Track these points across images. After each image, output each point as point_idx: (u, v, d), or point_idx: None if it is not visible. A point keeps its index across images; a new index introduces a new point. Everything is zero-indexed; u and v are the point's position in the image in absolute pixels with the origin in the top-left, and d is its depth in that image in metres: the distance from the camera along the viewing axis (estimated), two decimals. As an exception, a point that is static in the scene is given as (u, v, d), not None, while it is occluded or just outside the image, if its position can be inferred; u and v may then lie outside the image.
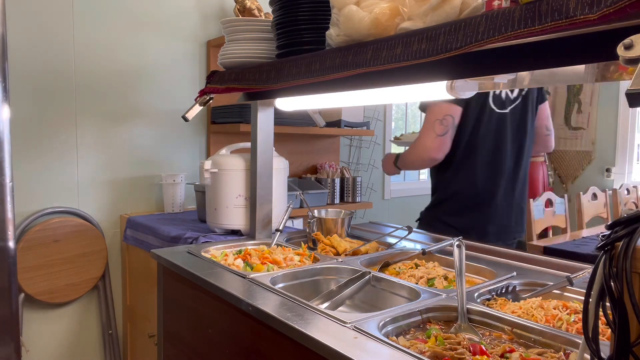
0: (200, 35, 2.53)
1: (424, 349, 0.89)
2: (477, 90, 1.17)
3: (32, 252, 2.06)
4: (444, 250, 1.51)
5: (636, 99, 0.58)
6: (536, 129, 2.09)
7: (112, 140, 2.31)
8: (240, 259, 1.49)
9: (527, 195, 2.11)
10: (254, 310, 1.10)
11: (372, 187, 3.39)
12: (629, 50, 0.61)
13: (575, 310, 1.07)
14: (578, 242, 2.70)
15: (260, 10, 2.30)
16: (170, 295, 1.56)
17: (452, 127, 1.90)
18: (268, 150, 1.77)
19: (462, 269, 1.11)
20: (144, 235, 2.11)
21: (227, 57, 1.55)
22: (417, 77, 1.01)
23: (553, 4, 0.71)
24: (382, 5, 1.01)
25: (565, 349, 0.91)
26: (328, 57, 1.14)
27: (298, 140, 2.84)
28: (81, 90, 2.22)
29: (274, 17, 1.39)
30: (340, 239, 1.67)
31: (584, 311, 0.61)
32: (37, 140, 2.11)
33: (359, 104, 1.64)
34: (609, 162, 4.27)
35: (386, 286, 1.31)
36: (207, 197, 1.87)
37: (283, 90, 1.40)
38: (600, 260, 0.60)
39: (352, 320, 1.00)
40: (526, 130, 2.02)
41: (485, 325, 1.04)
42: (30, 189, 2.11)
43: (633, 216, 0.59)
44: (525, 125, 2.02)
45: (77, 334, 2.29)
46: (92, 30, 2.22)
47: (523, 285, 1.27)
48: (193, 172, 2.54)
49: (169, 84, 2.45)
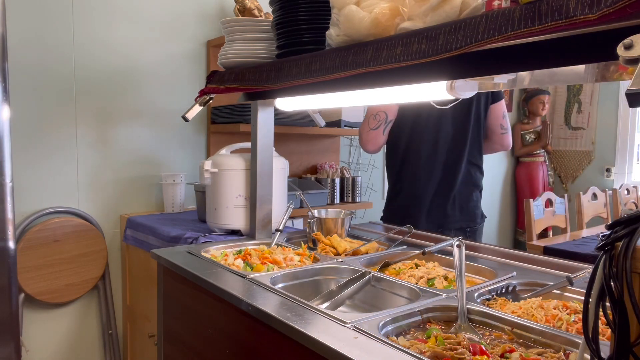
0: (200, 35, 2.53)
1: (424, 349, 0.89)
2: (477, 90, 1.17)
3: (32, 252, 2.06)
4: (444, 250, 1.51)
5: (636, 99, 0.58)
6: (491, 128, 2.20)
7: (112, 140, 2.32)
8: (240, 259, 1.49)
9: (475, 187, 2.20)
10: (254, 310, 1.10)
11: (372, 187, 3.39)
12: (629, 50, 0.61)
13: (575, 310, 1.07)
14: (578, 242, 2.70)
15: (260, 10, 2.30)
16: (170, 295, 1.56)
17: (384, 123, 2.11)
18: (268, 150, 1.77)
19: (462, 269, 1.11)
20: (144, 235, 2.11)
21: (227, 57, 1.55)
22: (417, 77, 1.01)
23: (553, 4, 0.71)
24: (382, 5, 1.01)
25: (565, 349, 0.91)
26: (328, 57, 1.14)
27: (298, 140, 2.84)
28: (81, 90, 2.22)
29: (274, 17, 1.39)
30: (340, 239, 1.67)
31: (584, 311, 0.61)
32: (37, 140, 2.12)
33: (359, 104, 1.64)
34: (609, 162, 4.27)
35: (386, 286, 1.31)
36: (207, 197, 1.87)
37: (283, 90, 1.40)
38: (600, 260, 0.60)
39: (352, 320, 1.00)
40: (468, 128, 2.11)
41: (485, 325, 1.04)
42: (30, 189, 2.11)
43: (633, 216, 0.59)
44: (468, 122, 2.11)
45: (77, 334, 2.29)
46: (92, 30, 2.22)
47: (523, 285, 1.27)
48: (193, 172, 2.54)
49: (169, 84, 2.45)
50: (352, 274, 1.38)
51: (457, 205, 2.15)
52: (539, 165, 4.39)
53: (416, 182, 2.15)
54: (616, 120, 4.20)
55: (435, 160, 2.12)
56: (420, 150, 2.13)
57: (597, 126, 4.33)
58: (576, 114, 4.46)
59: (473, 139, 2.14)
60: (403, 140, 2.16)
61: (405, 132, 2.14)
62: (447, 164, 2.13)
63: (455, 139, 2.12)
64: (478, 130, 2.15)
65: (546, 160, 4.43)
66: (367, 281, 1.33)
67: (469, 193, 2.17)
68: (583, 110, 4.42)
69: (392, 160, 2.24)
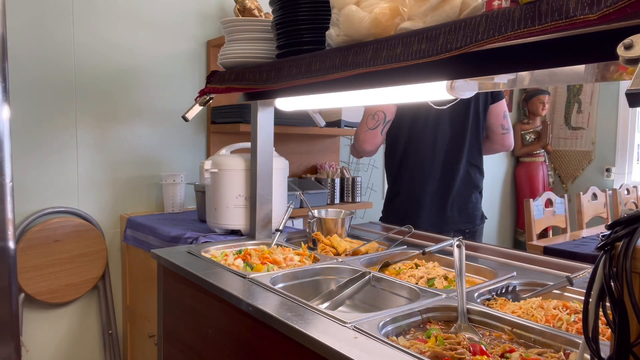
0: (200, 35, 2.53)
1: (424, 349, 0.89)
2: (477, 90, 1.17)
3: (32, 252, 2.06)
4: (444, 250, 1.51)
5: (636, 99, 0.58)
6: (492, 128, 2.18)
7: (112, 140, 2.32)
8: (240, 259, 1.49)
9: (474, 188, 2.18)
10: (254, 310, 1.10)
11: (372, 187, 3.39)
12: (629, 50, 0.61)
13: (575, 310, 1.07)
14: (578, 242, 2.70)
15: (260, 10, 2.30)
16: (170, 295, 1.56)
17: (382, 123, 2.11)
18: (268, 150, 1.77)
19: (462, 269, 1.11)
20: (144, 235, 2.11)
21: (227, 57, 1.55)
22: (417, 77, 1.01)
23: (553, 4, 0.71)
24: (382, 5, 1.01)
25: (565, 349, 0.91)
26: (328, 57, 1.14)
27: (298, 140, 2.84)
28: (81, 90, 2.22)
29: (274, 17, 1.39)
30: (340, 239, 1.67)
31: (584, 311, 0.61)
32: (37, 140, 2.12)
33: (359, 104, 1.64)
34: (609, 162, 4.27)
35: (386, 286, 1.31)
36: (207, 197, 1.87)
37: (283, 90, 1.40)
38: (600, 260, 0.60)
39: (352, 320, 1.00)
40: (467, 128, 2.10)
41: (485, 325, 1.04)
42: (30, 189, 2.11)
43: (633, 216, 0.59)
44: (466, 123, 2.10)
45: (77, 334, 2.29)
46: (92, 30, 2.22)
47: (523, 285, 1.27)
48: (193, 172, 2.54)
49: (169, 84, 2.45)
50: (352, 274, 1.38)
51: (456, 206, 2.14)
52: (539, 165, 4.39)
53: (414, 184, 2.14)
54: (616, 120, 4.20)
55: (433, 161, 2.11)
56: (418, 151, 2.12)
57: (597, 126, 4.33)
58: (576, 114, 4.46)
59: (472, 140, 2.13)
60: (401, 142, 2.15)
61: (403, 133, 2.14)
62: (445, 165, 2.12)
63: (454, 140, 2.11)
64: (477, 130, 2.14)
65: (546, 160, 4.43)
66: (367, 281, 1.33)
67: (468, 194, 2.16)
68: (583, 110, 4.42)
69: (391, 161, 2.23)
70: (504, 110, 2.18)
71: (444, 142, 2.11)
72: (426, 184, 2.12)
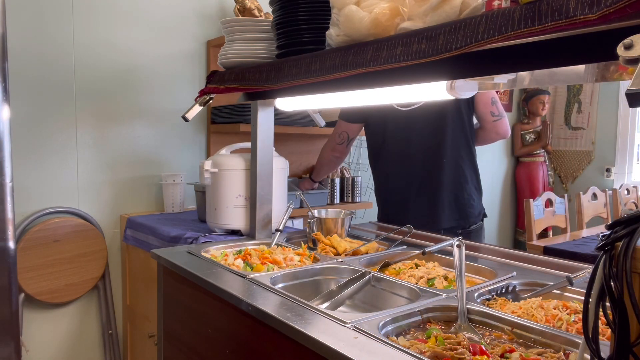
0: (200, 35, 2.53)
1: (424, 349, 0.89)
2: (477, 90, 1.17)
3: (32, 252, 2.06)
4: (444, 250, 1.51)
5: (636, 99, 0.58)
6: (481, 116, 2.12)
7: (112, 140, 2.32)
8: (240, 259, 1.49)
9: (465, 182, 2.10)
10: (254, 310, 1.10)
11: (372, 187, 3.39)
12: (629, 50, 0.61)
13: (575, 310, 1.07)
14: (578, 242, 2.70)
15: (260, 10, 2.30)
16: (170, 295, 1.56)
17: (347, 141, 2.29)
18: (268, 150, 1.77)
19: (462, 269, 1.11)
20: (144, 235, 2.11)
21: (227, 57, 1.55)
22: (417, 77, 1.01)
23: (553, 4, 0.71)
24: (382, 5, 1.01)
25: (565, 349, 0.91)
26: (328, 57, 1.14)
27: (298, 140, 2.84)
28: (81, 90, 2.22)
29: (274, 17, 1.39)
30: (340, 239, 1.67)
31: (584, 311, 0.61)
32: (37, 140, 2.12)
33: (359, 104, 1.64)
34: (609, 162, 4.27)
35: (386, 286, 1.31)
36: (207, 197, 1.87)
37: (283, 90, 1.39)
38: (600, 260, 0.60)
39: (352, 320, 1.00)
40: (445, 122, 2.05)
41: (485, 325, 1.04)
42: (30, 189, 2.11)
43: (633, 216, 0.59)
44: (443, 116, 2.05)
45: (77, 334, 2.29)
46: (92, 30, 2.22)
47: (523, 285, 1.27)
48: (193, 172, 2.54)
49: (169, 84, 2.45)
50: (352, 274, 1.38)
51: (445, 203, 2.06)
52: (539, 165, 4.39)
53: (396, 187, 2.12)
54: (616, 120, 4.20)
55: (412, 161, 2.08)
56: (394, 154, 2.11)
57: (597, 126, 4.33)
58: (576, 114, 4.46)
59: (455, 133, 2.06)
60: (376, 147, 2.18)
61: (378, 138, 2.15)
62: (426, 163, 2.07)
63: (432, 136, 2.05)
64: (461, 122, 2.07)
65: (546, 160, 4.43)
66: (367, 281, 1.33)
67: (459, 189, 2.08)
68: (583, 110, 4.41)
69: (373, 169, 2.25)
70: (491, 96, 2.10)
71: (420, 140, 2.07)
72: (410, 186, 2.09)
